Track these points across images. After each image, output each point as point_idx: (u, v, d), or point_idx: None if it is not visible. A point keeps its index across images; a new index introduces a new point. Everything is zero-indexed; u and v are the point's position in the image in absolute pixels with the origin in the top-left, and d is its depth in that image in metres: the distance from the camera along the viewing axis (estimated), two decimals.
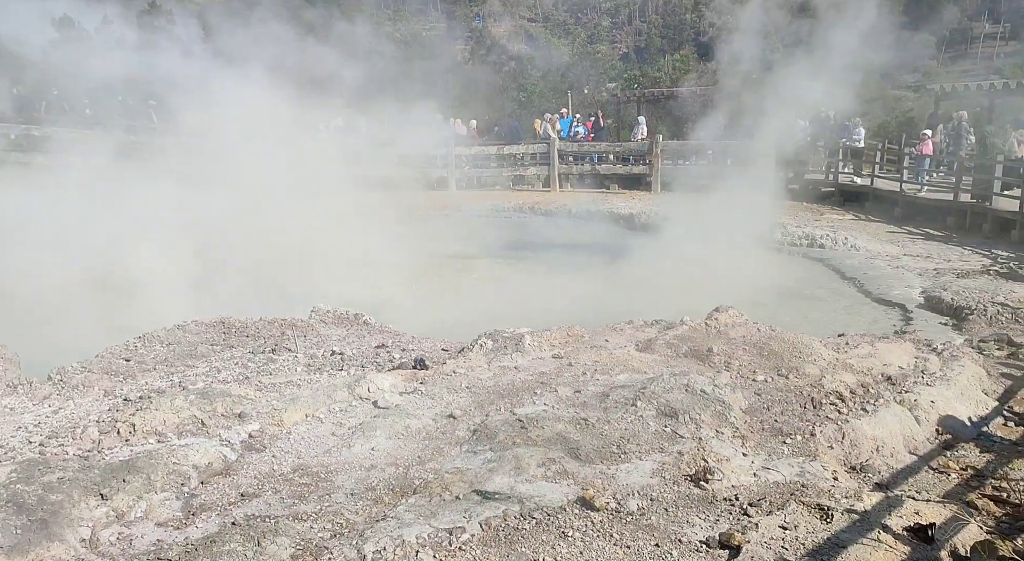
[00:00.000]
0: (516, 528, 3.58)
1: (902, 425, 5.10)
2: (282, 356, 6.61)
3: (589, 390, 5.23)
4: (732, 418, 4.80)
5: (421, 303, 9.78)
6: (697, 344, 6.17)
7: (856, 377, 5.63)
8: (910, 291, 9.63)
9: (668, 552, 3.38)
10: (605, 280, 11.12)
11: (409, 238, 12.89)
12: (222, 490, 4.00)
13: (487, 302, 9.80)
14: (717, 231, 13.58)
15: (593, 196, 18.49)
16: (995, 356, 6.81)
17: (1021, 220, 12.42)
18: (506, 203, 18.24)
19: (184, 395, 4.97)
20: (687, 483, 4.02)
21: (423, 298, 10.12)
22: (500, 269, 12.56)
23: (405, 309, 9.23)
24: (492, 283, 11.46)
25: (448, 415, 4.94)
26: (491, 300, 9.96)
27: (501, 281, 11.66)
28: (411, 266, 11.18)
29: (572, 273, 11.65)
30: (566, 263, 12.41)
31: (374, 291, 9.92)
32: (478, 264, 12.93)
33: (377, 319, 8.07)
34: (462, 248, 13.74)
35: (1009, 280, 9.66)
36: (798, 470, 4.24)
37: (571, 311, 8.47)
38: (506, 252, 13.54)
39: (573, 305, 9.24)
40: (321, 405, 5.07)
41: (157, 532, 3.60)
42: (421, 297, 10.18)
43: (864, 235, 13.24)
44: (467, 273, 12.01)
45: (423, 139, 20.47)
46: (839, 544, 3.31)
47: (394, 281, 10.44)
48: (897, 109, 29.55)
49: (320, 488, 4.00)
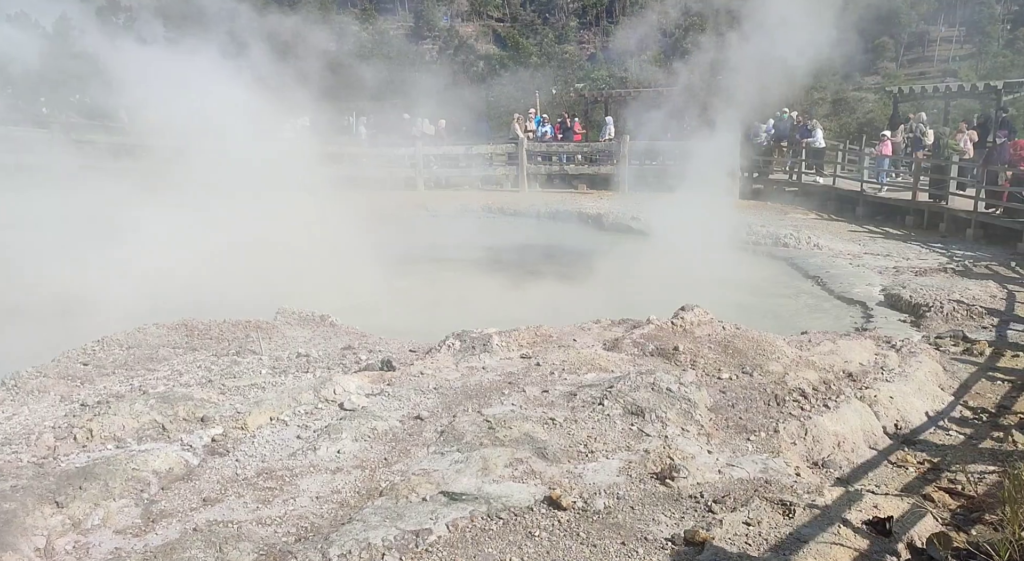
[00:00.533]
0: (483, 529, 3.57)
1: (862, 421, 5.21)
2: (246, 358, 6.51)
3: (557, 390, 5.24)
4: (697, 416, 4.85)
5: (381, 308, 9.60)
6: (663, 343, 6.22)
7: (818, 374, 5.73)
8: (871, 289, 9.83)
9: (634, 550, 3.40)
10: (571, 280, 11.16)
11: (372, 239, 12.79)
12: (183, 496, 3.92)
13: (452, 304, 9.74)
14: (684, 231, 13.74)
15: (561, 196, 18.56)
16: (951, 352, 6.98)
17: (975, 219, 12.76)
18: (474, 203, 18.22)
19: (144, 399, 4.87)
20: (653, 481, 4.05)
21: (384, 303, 9.93)
22: (466, 269, 12.50)
23: (366, 313, 9.05)
24: (456, 284, 11.37)
25: (415, 416, 4.92)
26: (455, 302, 9.91)
27: (466, 282, 11.60)
28: (373, 269, 11.04)
29: (539, 274, 11.67)
30: (533, 263, 12.43)
31: (338, 296, 9.73)
32: (443, 265, 12.86)
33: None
34: (428, 249, 13.67)
35: (964, 278, 9.92)
36: (762, 466, 4.30)
37: (538, 313, 8.49)
38: (473, 252, 13.50)
39: (540, 306, 9.26)
40: (286, 408, 5.01)
41: (115, 540, 3.52)
42: (382, 302, 9.99)
43: (827, 234, 13.48)
44: (431, 275, 11.91)
45: (390, 138, 20.41)
46: (801, 539, 3.36)
47: (355, 285, 10.22)
48: (858, 110, 30.15)
49: (285, 492, 3.95)
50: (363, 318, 8.27)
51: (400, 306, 9.66)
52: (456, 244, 13.87)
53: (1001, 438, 5.16)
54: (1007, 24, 44.27)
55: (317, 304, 8.28)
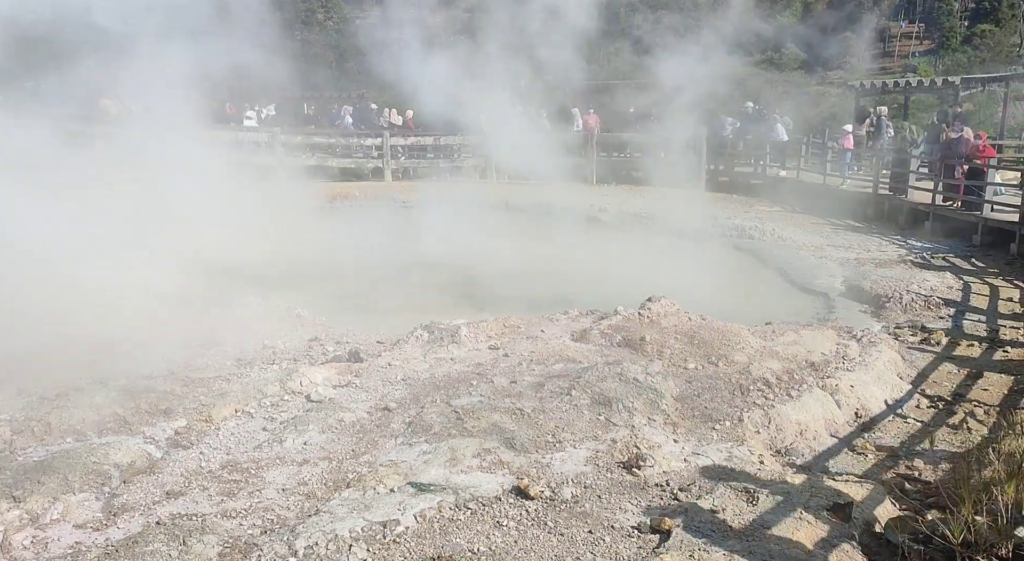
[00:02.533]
0: (451, 519, 3.58)
1: (824, 409, 5.32)
2: (211, 350, 6.41)
3: (525, 380, 5.26)
4: (664, 406, 4.91)
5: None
6: (631, 333, 6.28)
7: (782, 364, 5.83)
8: (833, 280, 10.01)
9: (601, 538, 3.44)
10: (537, 270, 11.13)
11: (337, 230, 12.65)
12: (146, 489, 3.86)
13: (415, 294, 9.64)
14: (651, 222, 13.85)
15: (530, 188, 18.54)
16: (909, 342, 7.15)
17: (933, 212, 13.06)
18: (443, 194, 18.10)
19: (105, 392, 4.78)
20: (620, 470, 4.09)
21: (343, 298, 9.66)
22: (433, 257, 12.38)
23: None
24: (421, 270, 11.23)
25: (383, 408, 4.89)
26: (418, 290, 9.82)
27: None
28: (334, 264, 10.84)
29: (507, 263, 11.64)
30: (500, 254, 12.38)
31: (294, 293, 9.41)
32: (411, 256, 12.74)
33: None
34: (396, 239, 13.54)
35: (922, 269, 10.15)
36: (726, 455, 4.37)
37: (508, 302, 8.49)
38: (440, 243, 13.41)
39: (510, 295, 9.25)
40: (252, 400, 4.95)
41: (75, 534, 3.45)
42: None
43: (791, 226, 13.68)
44: (397, 267, 11.76)
45: (357, 128, 20.18)
46: (764, 525, 3.43)
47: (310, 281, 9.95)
48: (821, 104, 30.62)
49: (250, 484, 3.91)
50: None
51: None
52: (421, 233, 13.68)
53: (956, 425, 5.31)
54: (964, 22, 45.30)
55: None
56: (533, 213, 15.51)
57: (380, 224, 13.44)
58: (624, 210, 14.73)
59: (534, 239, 13.25)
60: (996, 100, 26.01)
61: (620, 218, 14.45)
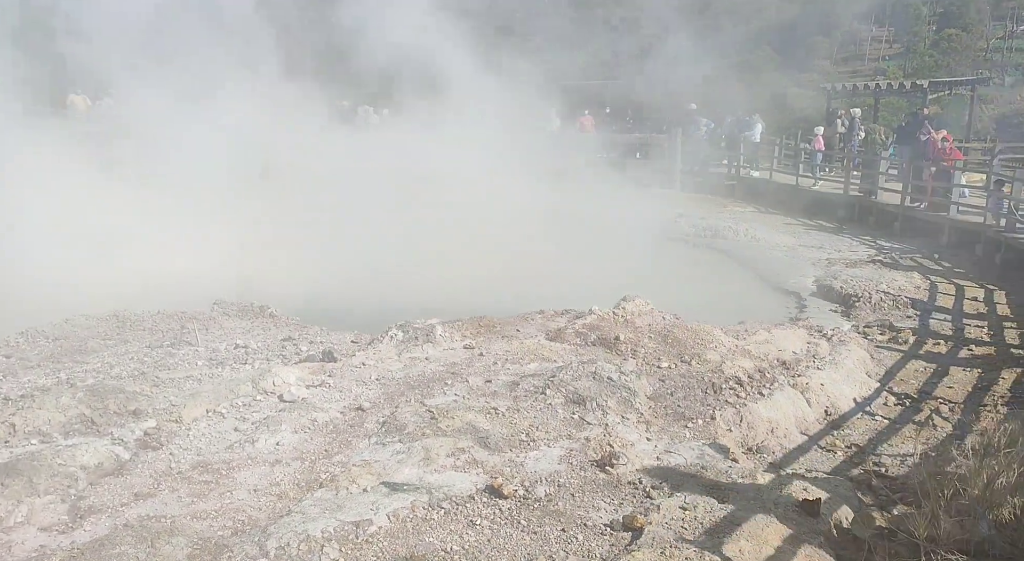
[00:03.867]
0: (424, 518, 3.57)
1: (795, 407, 5.39)
2: (182, 350, 6.33)
3: (500, 380, 5.26)
4: (637, 404, 4.94)
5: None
6: (605, 333, 6.30)
7: (754, 362, 5.89)
8: (804, 280, 10.15)
9: (573, 536, 3.45)
10: (506, 269, 11.12)
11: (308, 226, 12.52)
12: (114, 491, 3.80)
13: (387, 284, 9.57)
14: (625, 222, 13.90)
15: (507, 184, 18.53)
16: (878, 340, 7.28)
17: (902, 213, 13.29)
18: None
19: (72, 392, 4.69)
20: (593, 468, 4.11)
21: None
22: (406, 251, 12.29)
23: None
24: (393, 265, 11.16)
25: (357, 407, 4.87)
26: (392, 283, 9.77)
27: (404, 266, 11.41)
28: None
29: (475, 263, 11.61)
30: (468, 253, 12.33)
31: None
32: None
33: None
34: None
35: (891, 269, 10.33)
36: (698, 453, 4.41)
37: (482, 301, 8.48)
38: (411, 236, 13.33)
39: (481, 294, 9.24)
40: (223, 400, 4.89)
41: (40, 537, 3.39)
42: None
43: (764, 227, 13.84)
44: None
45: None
46: (734, 521, 3.46)
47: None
48: (794, 107, 30.99)
49: (221, 485, 3.87)
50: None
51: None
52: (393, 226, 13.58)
53: (922, 422, 5.41)
54: (933, 26, 46.11)
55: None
56: (506, 213, 15.49)
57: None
58: (597, 209, 14.75)
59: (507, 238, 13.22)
60: (963, 103, 26.54)
61: (591, 216, 14.47)
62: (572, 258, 11.44)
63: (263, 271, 9.78)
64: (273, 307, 7.97)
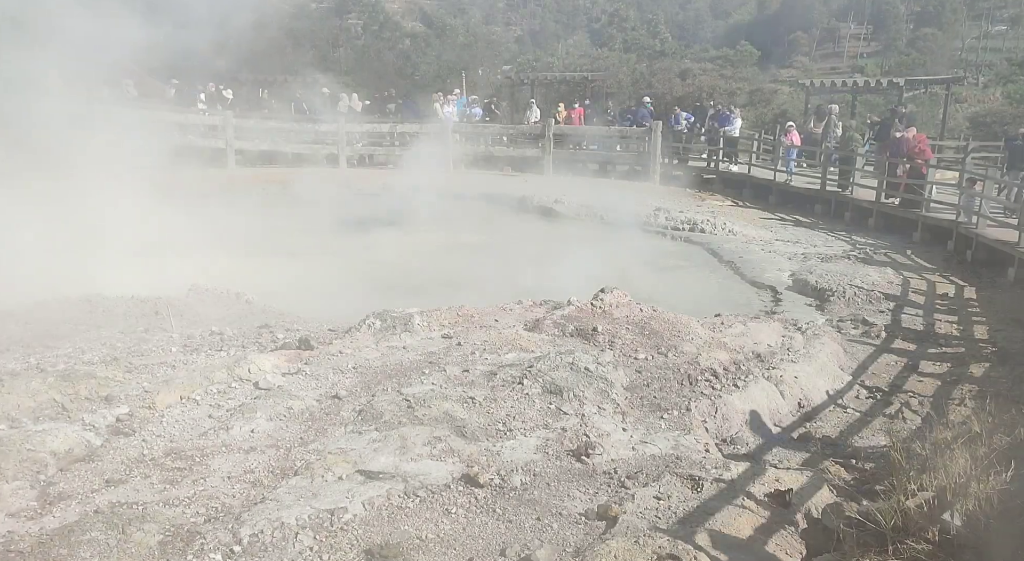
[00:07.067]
0: (400, 506, 3.57)
1: (769, 399, 5.46)
2: (156, 336, 6.25)
3: (477, 369, 5.26)
4: (614, 395, 4.97)
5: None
6: (583, 324, 6.33)
7: (729, 355, 5.95)
8: (780, 274, 10.25)
9: (548, 525, 3.47)
10: (488, 258, 11.13)
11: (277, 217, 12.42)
12: (84, 477, 3.75)
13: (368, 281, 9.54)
14: (604, 215, 13.95)
15: (486, 177, 18.48)
16: (851, 334, 7.38)
17: (877, 209, 13.46)
18: (398, 182, 17.93)
19: (42, 377, 4.62)
20: (569, 458, 4.13)
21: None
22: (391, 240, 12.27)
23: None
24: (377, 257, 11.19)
25: (333, 395, 4.84)
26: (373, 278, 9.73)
27: (387, 258, 11.42)
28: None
29: (461, 250, 11.62)
30: (456, 240, 12.35)
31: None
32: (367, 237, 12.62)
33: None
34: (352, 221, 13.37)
35: (865, 264, 10.47)
36: (673, 443, 4.45)
37: (462, 292, 8.46)
38: (398, 226, 13.28)
39: (462, 283, 9.24)
40: (198, 387, 4.84)
41: (8, 523, 3.34)
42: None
43: (741, 221, 13.94)
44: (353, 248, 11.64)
45: (311, 113, 19.83)
46: (707, 511, 3.51)
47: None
48: (773, 102, 31.23)
49: (194, 472, 3.84)
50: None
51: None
52: (378, 218, 13.53)
53: (893, 415, 5.50)
54: (910, 24, 46.68)
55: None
56: (487, 203, 15.49)
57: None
58: (576, 200, 14.79)
59: (483, 229, 13.22)
60: (938, 101, 26.91)
61: (574, 209, 14.51)
62: (546, 249, 11.47)
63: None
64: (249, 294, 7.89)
